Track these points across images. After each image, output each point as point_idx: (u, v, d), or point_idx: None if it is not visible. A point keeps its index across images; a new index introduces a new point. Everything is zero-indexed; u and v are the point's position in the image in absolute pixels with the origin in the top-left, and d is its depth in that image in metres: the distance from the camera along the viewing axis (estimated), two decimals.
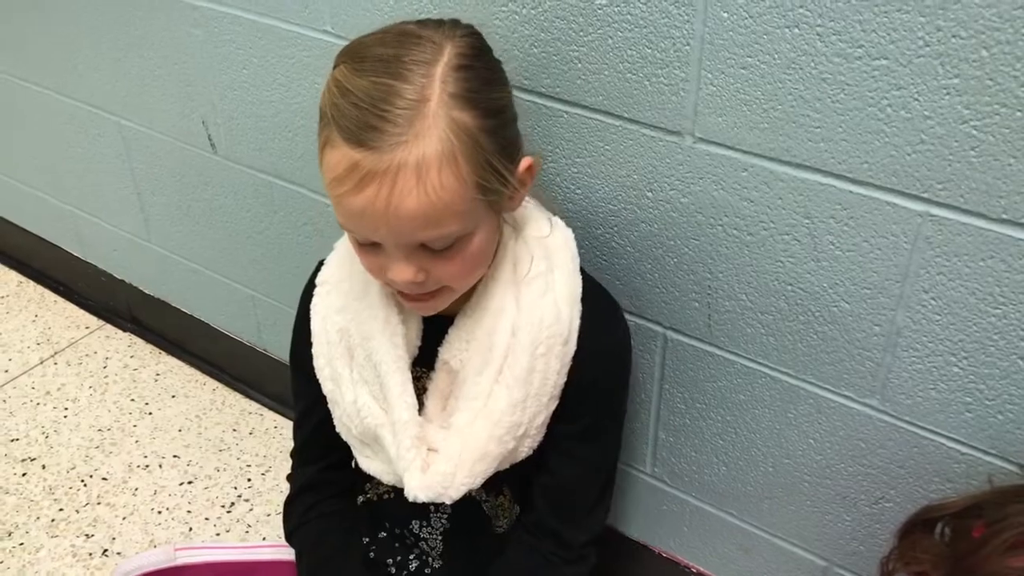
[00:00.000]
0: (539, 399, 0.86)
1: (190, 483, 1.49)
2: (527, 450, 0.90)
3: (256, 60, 1.19)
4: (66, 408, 1.64)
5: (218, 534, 1.41)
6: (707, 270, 0.93)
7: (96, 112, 1.49)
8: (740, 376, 0.98)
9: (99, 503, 1.46)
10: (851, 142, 0.78)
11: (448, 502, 0.87)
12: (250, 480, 1.50)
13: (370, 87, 0.71)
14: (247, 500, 1.47)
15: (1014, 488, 0.78)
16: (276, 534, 1.10)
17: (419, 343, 0.90)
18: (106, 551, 1.38)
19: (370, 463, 0.94)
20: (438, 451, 0.87)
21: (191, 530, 1.42)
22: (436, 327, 0.89)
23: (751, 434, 1.01)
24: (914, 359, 0.84)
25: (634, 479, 1.16)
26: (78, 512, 1.44)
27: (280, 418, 1.62)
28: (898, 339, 0.84)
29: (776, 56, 0.78)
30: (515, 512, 1.02)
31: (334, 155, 0.73)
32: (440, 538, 1.01)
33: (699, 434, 1.05)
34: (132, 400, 1.66)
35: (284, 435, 1.59)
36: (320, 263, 0.96)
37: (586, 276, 0.90)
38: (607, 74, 0.88)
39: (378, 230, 0.74)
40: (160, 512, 1.44)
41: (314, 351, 0.93)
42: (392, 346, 0.87)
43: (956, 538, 0.77)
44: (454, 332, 0.88)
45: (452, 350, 0.88)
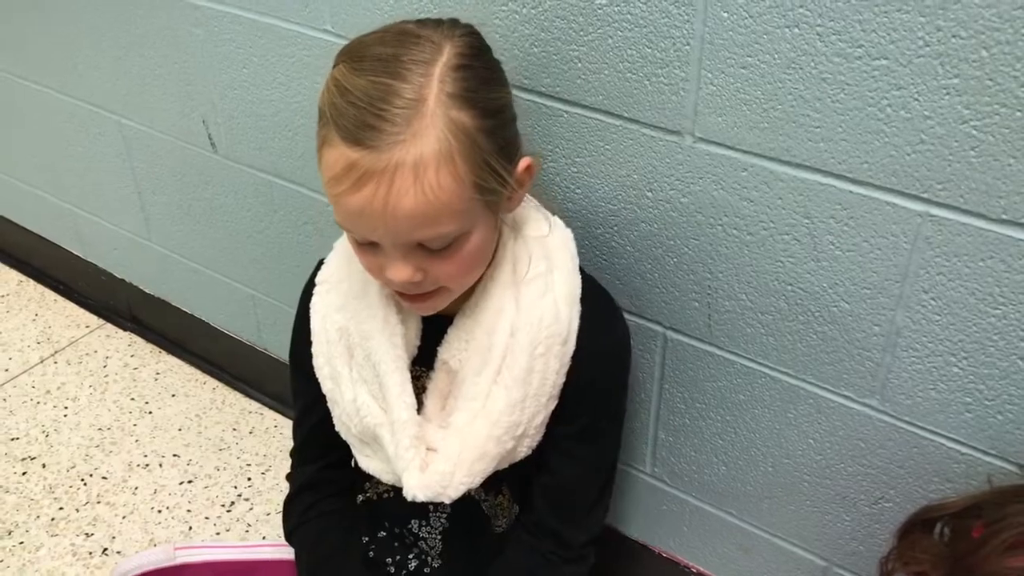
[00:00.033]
0: (538, 399, 0.86)
1: (190, 482, 1.49)
2: (526, 450, 0.90)
3: (256, 59, 1.19)
4: (66, 407, 1.64)
5: (218, 533, 1.41)
6: (707, 270, 0.93)
7: (97, 111, 1.50)
8: (740, 376, 0.98)
9: (99, 502, 1.46)
10: (851, 142, 0.78)
11: (447, 501, 0.87)
12: (250, 479, 1.50)
13: (369, 86, 0.71)
14: (247, 499, 1.47)
15: (1013, 488, 0.78)
16: (276, 533, 1.10)
17: (418, 343, 0.90)
18: (106, 550, 1.38)
19: (369, 462, 0.94)
20: (437, 451, 0.87)
21: (191, 529, 1.42)
22: (435, 327, 0.89)
23: (751, 434, 1.01)
24: (914, 359, 0.84)
25: (634, 479, 1.16)
26: (78, 511, 1.44)
27: (280, 417, 1.62)
28: (898, 339, 0.84)
29: (776, 56, 0.78)
30: (514, 511, 1.02)
31: (332, 154, 0.73)
32: (439, 537, 1.01)
33: (699, 434, 1.05)
34: (132, 399, 1.66)
35: (284, 434, 1.59)
36: (320, 262, 0.96)
37: (585, 276, 0.90)
38: (607, 74, 0.88)
39: (376, 230, 0.74)
40: (160, 511, 1.44)
41: (314, 350, 0.93)
42: (391, 346, 0.87)
43: (955, 538, 0.77)
44: (453, 332, 0.88)
45: (451, 350, 0.88)
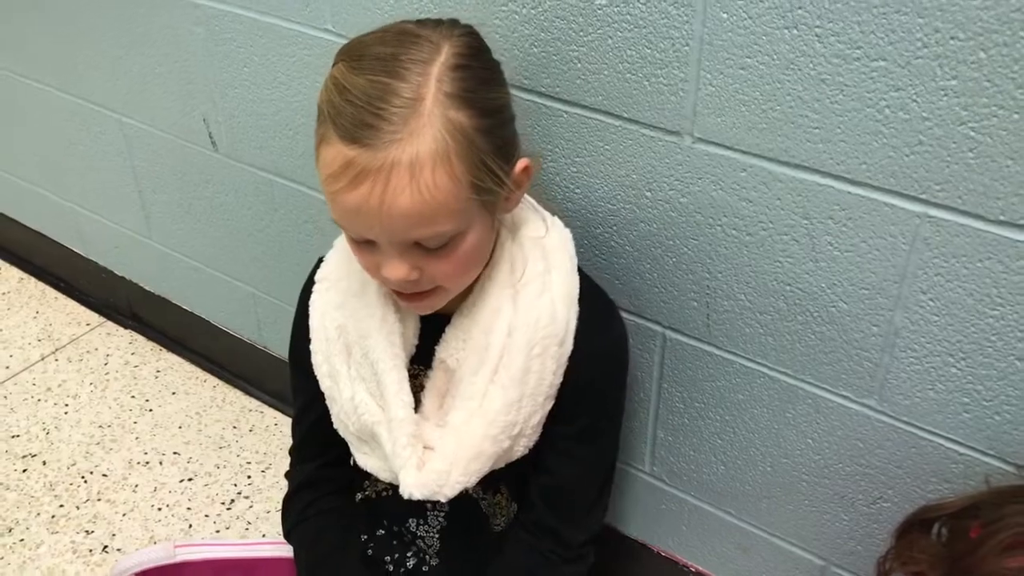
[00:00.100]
0: (534, 399, 0.86)
1: (190, 480, 1.50)
2: (523, 449, 0.90)
3: (257, 58, 1.19)
4: (67, 404, 1.64)
5: (218, 531, 1.41)
6: (706, 270, 0.93)
7: (98, 109, 1.50)
8: (739, 376, 0.98)
9: (99, 499, 1.46)
10: (849, 143, 0.78)
11: (443, 500, 0.87)
12: (250, 477, 1.50)
13: (367, 85, 0.71)
14: (247, 497, 1.47)
15: (1011, 488, 0.78)
16: (276, 531, 1.10)
17: (416, 341, 0.91)
18: (106, 547, 1.38)
19: (367, 460, 0.94)
20: (434, 449, 0.87)
21: (191, 527, 1.42)
22: (434, 326, 0.89)
23: (749, 433, 1.01)
24: (912, 360, 0.85)
25: (633, 478, 1.16)
26: (78, 508, 1.44)
27: (280, 415, 1.62)
28: (896, 339, 0.84)
29: (775, 57, 0.78)
30: (512, 510, 1.02)
31: (329, 152, 0.73)
32: (437, 536, 1.01)
33: (698, 433, 1.06)
34: (132, 397, 1.66)
35: (284, 432, 1.59)
36: (320, 260, 0.96)
37: (583, 276, 0.90)
38: (606, 74, 0.88)
39: (372, 228, 0.75)
40: (160, 509, 1.44)
41: (312, 348, 0.93)
42: (389, 344, 0.87)
43: (953, 538, 0.77)
44: (451, 331, 0.88)
45: (449, 349, 0.88)
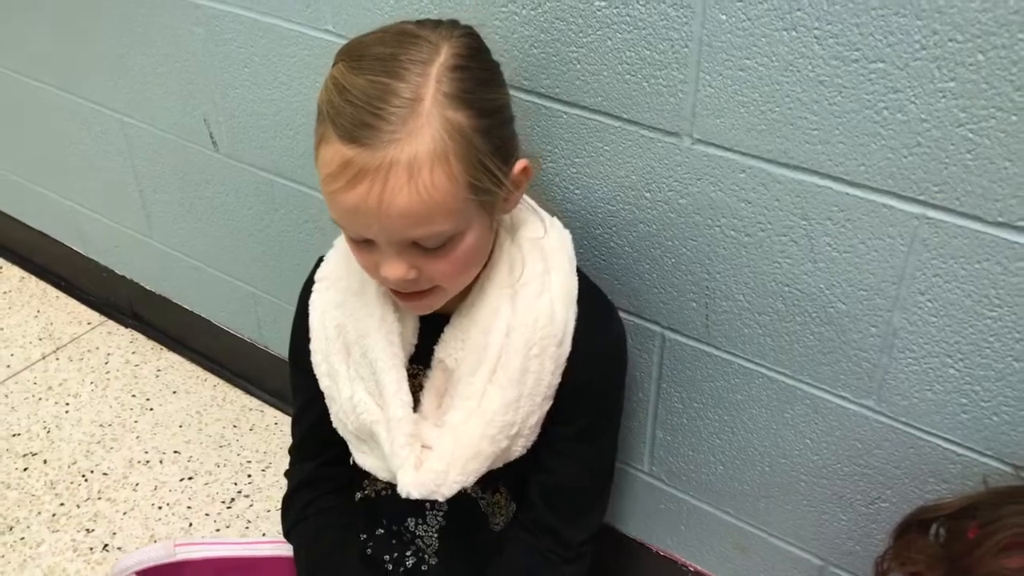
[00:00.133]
0: (532, 399, 0.87)
1: (190, 479, 1.50)
2: (521, 449, 0.90)
3: (258, 59, 1.20)
4: (67, 403, 1.64)
5: (218, 530, 1.42)
6: (705, 271, 0.93)
7: (99, 109, 1.50)
8: (737, 376, 0.98)
9: (100, 498, 1.46)
10: (848, 144, 0.78)
11: (441, 499, 0.88)
12: (250, 476, 1.50)
13: (366, 85, 0.72)
14: (247, 496, 1.47)
15: (1009, 489, 0.78)
16: (276, 530, 1.10)
17: (415, 341, 0.91)
18: (106, 546, 1.38)
19: (366, 459, 0.94)
20: (432, 448, 0.87)
21: (191, 526, 1.42)
22: (433, 325, 0.90)
23: (748, 434, 1.01)
24: (910, 360, 0.85)
25: (632, 478, 1.16)
26: (79, 507, 1.44)
27: (280, 414, 1.62)
28: (894, 340, 0.85)
29: (774, 58, 0.78)
30: (511, 510, 1.03)
31: (328, 151, 0.73)
32: (436, 535, 1.01)
33: (696, 433, 1.06)
34: (133, 396, 1.66)
35: (284, 431, 1.59)
36: (320, 259, 0.97)
37: (582, 277, 0.90)
38: (606, 75, 0.88)
39: (370, 227, 0.75)
40: (160, 508, 1.45)
41: (312, 347, 0.93)
42: (388, 343, 0.87)
43: (951, 539, 0.78)
44: (449, 331, 0.88)
45: (447, 348, 0.88)
